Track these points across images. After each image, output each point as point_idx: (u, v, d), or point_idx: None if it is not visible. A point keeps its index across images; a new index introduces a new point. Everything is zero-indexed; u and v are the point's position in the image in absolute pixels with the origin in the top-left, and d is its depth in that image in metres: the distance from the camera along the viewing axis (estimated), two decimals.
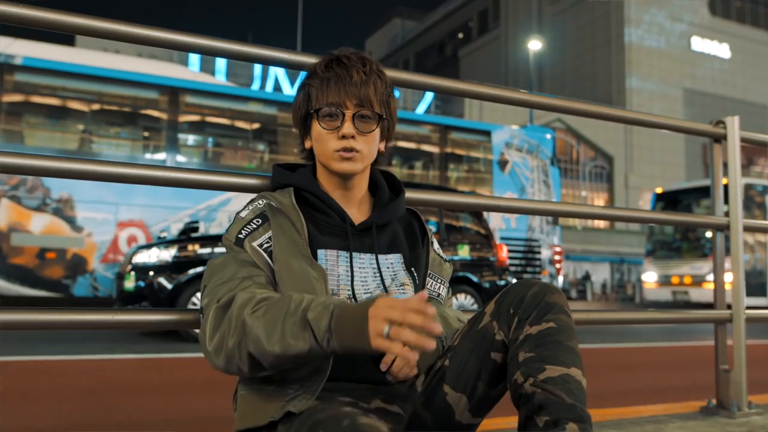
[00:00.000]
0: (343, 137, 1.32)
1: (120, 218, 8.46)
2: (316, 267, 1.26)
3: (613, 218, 2.20)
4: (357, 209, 1.42)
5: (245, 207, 1.38)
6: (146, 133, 9.53)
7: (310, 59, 1.65)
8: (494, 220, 10.75)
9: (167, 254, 5.97)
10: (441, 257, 1.53)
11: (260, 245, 1.29)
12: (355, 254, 1.35)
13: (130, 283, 5.96)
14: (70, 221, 8.21)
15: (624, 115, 2.29)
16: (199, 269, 5.87)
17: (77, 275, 8.17)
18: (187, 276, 5.85)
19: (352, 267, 1.33)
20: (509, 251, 10.75)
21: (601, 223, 36.50)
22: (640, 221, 2.28)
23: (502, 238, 10.73)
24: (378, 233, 1.40)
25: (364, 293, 1.32)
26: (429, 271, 1.47)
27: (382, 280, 1.35)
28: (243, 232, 1.30)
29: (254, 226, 1.31)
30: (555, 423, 1.11)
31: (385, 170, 1.53)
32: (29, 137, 8.71)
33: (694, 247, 13.91)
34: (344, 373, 1.26)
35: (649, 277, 14.58)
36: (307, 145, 1.43)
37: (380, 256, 1.38)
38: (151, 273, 5.89)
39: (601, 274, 33.67)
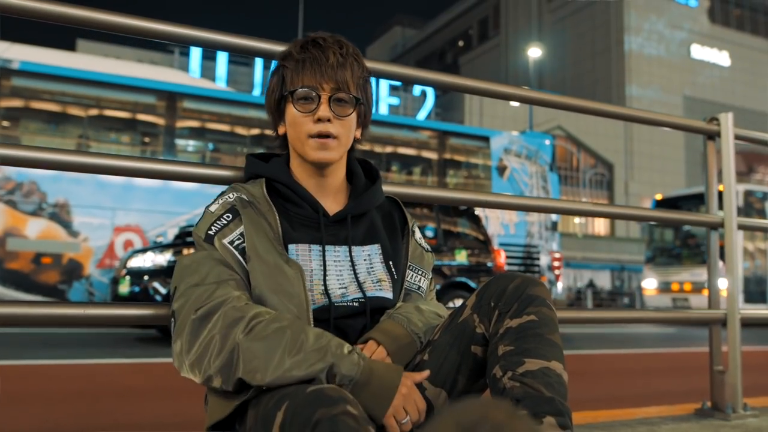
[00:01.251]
0: (319, 120, 1.28)
1: (116, 223, 8.42)
2: (291, 263, 1.22)
3: (607, 215, 2.16)
4: (333, 198, 1.37)
5: (215, 200, 1.33)
6: (145, 139, 9.51)
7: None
8: (493, 226, 10.71)
9: (162, 258, 5.92)
10: (423, 247, 1.48)
11: (231, 242, 1.24)
12: (329, 247, 1.30)
13: (124, 288, 5.91)
14: (67, 226, 8.18)
15: (620, 112, 2.26)
16: None
17: (73, 280, 8.13)
18: None
19: (324, 261, 1.28)
20: (508, 257, 10.72)
21: (601, 231, 36.47)
22: (635, 219, 2.25)
23: (501, 244, 10.68)
24: (354, 224, 1.35)
25: (339, 288, 1.28)
26: (409, 263, 1.42)
27: (355, 274, 1.30)
28: (213, 228, 1.25)
29: (224, 222, 1.26)
30: (533, 416, 1.07)
31: (361, 158, 1.48)
32: (26, 142, 8.70)
33: (694, 254, 13.85)
34: None
35: (649, 283, 14.51)
36: (281, 131, 1.39)
37: (355, 248, 1.33)
38: (146, 277, 5.84)
39: (601, 281, 33.59)
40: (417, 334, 1.29)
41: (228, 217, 1.27)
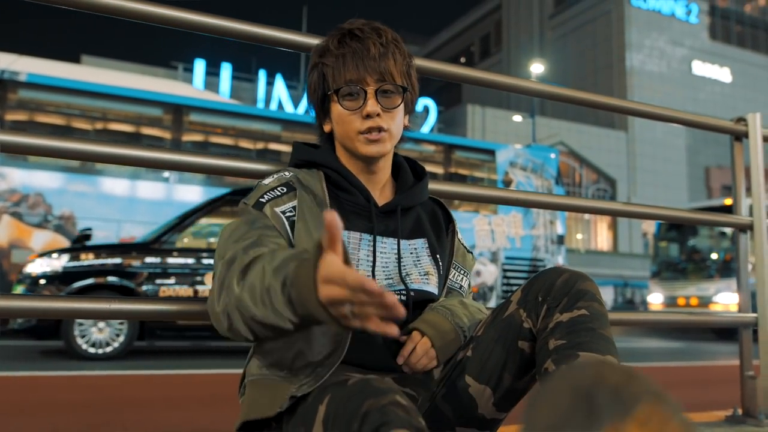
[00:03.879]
0: (368, 116, 1.23)
1: (122, 235, 8.38)
2: None
3: (634, 215, 2.12)
4: (380, 192, 1.33)
5: (269, 177, 1.28)
6: None
7: (314, 40, 1.59)
8: (499, 240, 10.67)
9: (58, 263, 5.64)
10: (465, 247, 1.45)
11: (283, 212, 1.19)
12: (378, 238, 1.26)
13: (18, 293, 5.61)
14: (72, 238, 8.14)
15: (646, 110, 2.21)
16: (88, 282, 5.54)
17: None
18: (72, 288, 5.49)
19: (374, 251, 1.24)
20: (514, 270, 10.67)
21: (604, 246, 36.38)
22: (660, 218, 2.21)
23: (507, 258, 10.64)
24: (402, 216, 1.31)
25: (385, 279, 1.24)
26: (453, 261, 1.39)
27: (400, 267, 1.26)
28: (265, 196, 1.20)
29: (278, 193, 1.21)
30: None
31: (406, 156, 1.44)
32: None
33: (700, 269, 13.77)
34: (356, 359, 1.18)
35: (655, 298, 14.40)
36: (327, 128, 1.33)
37: (403, 241, 1.29)
38: (42, 282, 5.57)
39: (605, 297, 33.51)
40: (461, 328, 1.25)
41: (282, 189, 1.22)
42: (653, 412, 0.57)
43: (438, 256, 1.34)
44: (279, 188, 1.23)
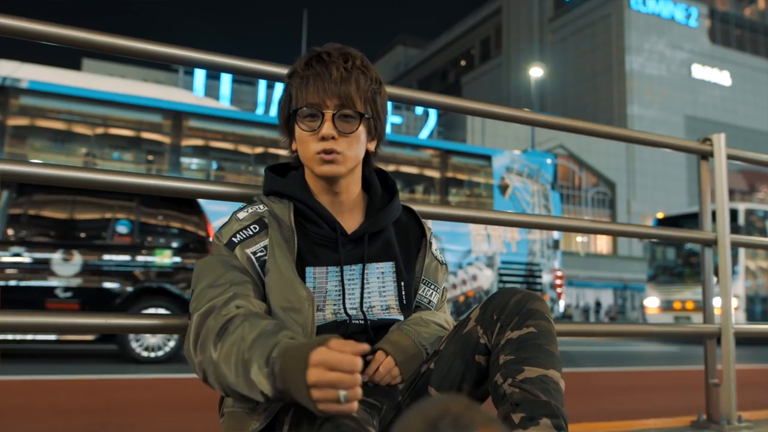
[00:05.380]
0: (323, 139, 1.27)
1: None
2: (306, 288, 1.24)
3: (606, 232, 2.23)
4: (348, 215, 1.37)
5: (243, 208, 1.33)
6: (150, 157, 9.60)
7: None
8: (495, 244, 10.75)
9: None
10: (438, 260, 1.50)
11: (254, 253, 1.25)
12: (346, 267, 1.32)
13: None
14: None
15: (616, 133, 2.33)
16: None
17: None
18: None
19: (343, 282, 1.31)
20: (510, 275, 10.76)
21: (603, 249, 36.44)
22: (631, 236, 2.32)
23: (503, 262, 10.72)
24: (370, 241, 1.36)
25: (350, 308, 1.31)
26: (423, 277, 1.45)
27: (362, 297, 1.33)
28: (238, 236, 1.26)
29: (251, 232, 1.27)
30: (530, 419, 1.13)
31: (379, 169, 1.48)
32: (34, 159, 8.79)
33: (696, 272, 13.85)
34: None
35: (651, 302, 14.50)
36: (294, 148, 1.37)
37: (371, 265, 1.35)
38: None
39: (604, 300, 33.53)
40: (423, 346, 1.33)
41: (255, 228, 1.28)
42: None
43: (403, 282, 1.39)
44: (252, 226, 1.28)
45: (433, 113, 22.82)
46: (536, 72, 27.73)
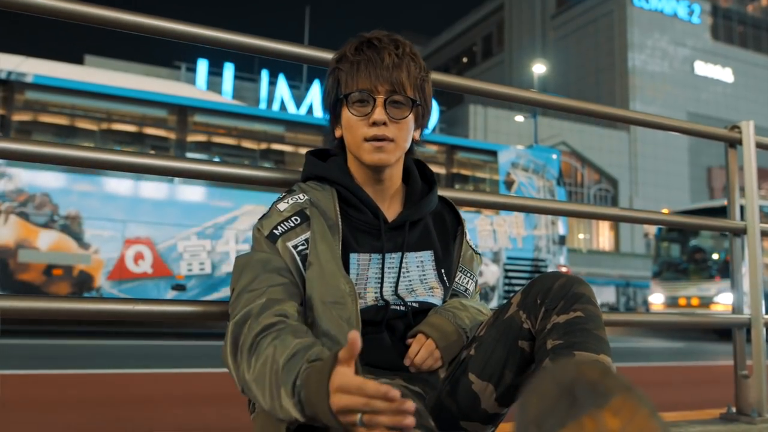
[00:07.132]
0: (374, 124, 1.26)
1: (127, 235, 8.46)
2: (348, 281, 1.22)
3: (632, 220, 2.19)
4: (389, 203, 1.37)
5: (283, 199, 1.31)
6: (154, 151, 9.58)
7: (321, 53, 1.65)
8: (501, 240, 10.73)
9: None
10: (473, 249, 1.50)
11: (295, 246, 1.23)
12: (387, 255, 1.31)
13: None
14: (77, 238, 8.22)
15: (642, 119, 2.29)
16: None
17: (83, 292, 8.16)
18: None
19: (383, 269, 1.30)
20: (516, 270, 10.74)
21: (606, 246, 36.40)
22: (658, 223, 2.28)
23: (509, 258, 10.71)
24: (409, 230, 1.36)
25: (391, 294, 1.31)
26: (460, 266, 1.44)
27: (398, 283, 1.32)
28: (279, 228, 1.24)
29: (292, 224, 1.25)
30: None
31: (418, 159, 1.47)
32: None
33: (701, 269, 13.81)
34: (366, 360, 1.23)
35: (656, 298, 14.45)
36: (338, 133, 1.36)
37: (410, 254, 1.35)
38: None
39: (606, 297, 33.53)
40: (463, 329, 1.32)
41: (296, 220, 1.26)
42: (625, 402, 0.68)
43: (443, 270, 1.39)
44: (293, 218, 1.26)
45: (435, 109, 22.77)
46: (539, 69, 27.71)
